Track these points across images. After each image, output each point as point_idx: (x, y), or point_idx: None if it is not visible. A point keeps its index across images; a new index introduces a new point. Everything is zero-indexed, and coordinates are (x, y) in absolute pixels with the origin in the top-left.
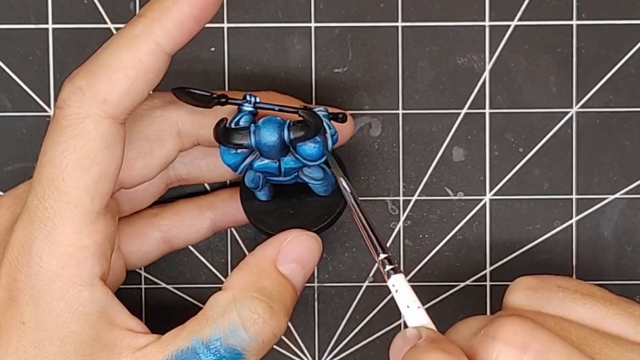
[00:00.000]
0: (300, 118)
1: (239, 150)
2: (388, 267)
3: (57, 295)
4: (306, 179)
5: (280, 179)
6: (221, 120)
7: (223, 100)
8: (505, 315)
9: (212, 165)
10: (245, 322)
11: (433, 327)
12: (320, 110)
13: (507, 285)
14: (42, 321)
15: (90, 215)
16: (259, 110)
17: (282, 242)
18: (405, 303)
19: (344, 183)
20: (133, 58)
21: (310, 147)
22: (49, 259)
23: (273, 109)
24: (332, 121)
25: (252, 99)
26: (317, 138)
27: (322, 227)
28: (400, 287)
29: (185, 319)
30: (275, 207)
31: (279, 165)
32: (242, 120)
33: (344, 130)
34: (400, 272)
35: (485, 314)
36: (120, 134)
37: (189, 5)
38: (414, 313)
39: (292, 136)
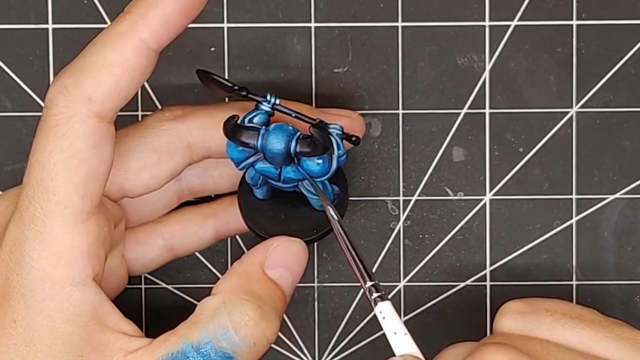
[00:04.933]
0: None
1: (244, 148)
2: (375, 295)
3: (48, 295)
4: (305, 192)
5: (279, 184)
6: (233, 116)
7: (243, 93)
8: (490, 343)
9: (225, 174)
10: (235, 324)
11: (420, 355)
12: (335, 128)
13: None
14: (32, 320)
15: (81, 215)
16: (275, 112)
17: (268, 248)
18: (392, 330)
19: (331, 211)
20: (118, 56)
21: (314, 164)
22: (40, 258)
23: (290, 115)
24: (344, 141)
25: (272, 99)
26: (324, 156)
27: (311, 239)
28: (387, 314)
29: (185, 320)
30: (269, 208)
31: (280, 173)
32: (256, 118)
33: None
34: (387, 299)
35: (485, 314)
36: (108, 133)
37: (174, 1)
38: (401, 340)
39: (298, 149)
